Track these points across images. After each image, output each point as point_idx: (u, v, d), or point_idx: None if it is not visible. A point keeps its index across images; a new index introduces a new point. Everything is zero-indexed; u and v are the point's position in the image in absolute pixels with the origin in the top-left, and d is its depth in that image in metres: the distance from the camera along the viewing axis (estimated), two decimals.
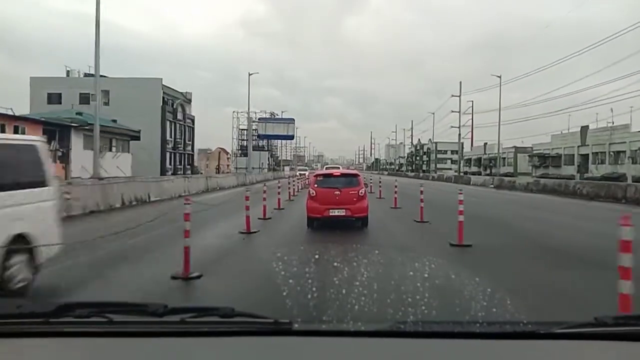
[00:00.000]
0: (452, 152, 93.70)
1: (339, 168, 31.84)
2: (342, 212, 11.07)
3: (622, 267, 4.08)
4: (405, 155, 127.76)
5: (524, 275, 6.69)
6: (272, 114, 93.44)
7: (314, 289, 2.10)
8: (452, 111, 68.87)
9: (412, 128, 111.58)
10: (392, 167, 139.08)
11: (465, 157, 77.41)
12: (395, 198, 17.97)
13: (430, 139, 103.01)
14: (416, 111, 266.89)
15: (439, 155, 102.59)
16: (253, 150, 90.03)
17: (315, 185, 11.76)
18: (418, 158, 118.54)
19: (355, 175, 12.67)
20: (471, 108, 70.91)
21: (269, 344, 1.42)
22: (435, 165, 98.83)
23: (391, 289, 2.30)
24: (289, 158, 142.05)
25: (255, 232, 10.69)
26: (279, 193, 18.10)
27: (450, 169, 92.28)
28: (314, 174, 14.43)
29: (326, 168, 38.62)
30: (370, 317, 1.78)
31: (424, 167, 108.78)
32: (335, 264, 2.75)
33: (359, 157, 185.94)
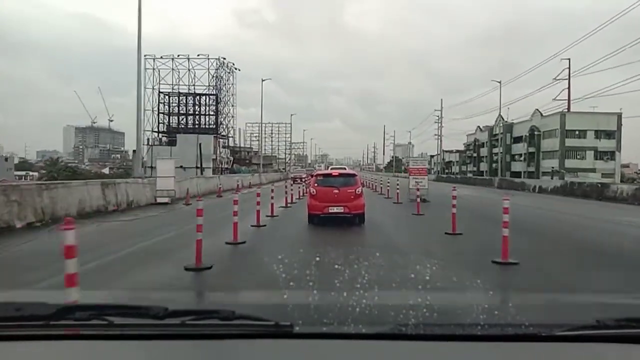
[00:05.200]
0: (600, 134, 52.13)
1: (344, 169, 30.73)
2: (340, 209, 11.88)
3: None
4: (469, 145, 77.82)
5: None
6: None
7: (314, 291, 2.09)
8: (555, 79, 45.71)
9: (441, 110, 70.37)
10: (424, 166, 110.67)
11: None
12: None
13: (537, 110, 57.93)
14: (423, 111, 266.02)
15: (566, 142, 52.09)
16: (184, 132, 52.00)
17: (316, 185, 12.61)
18: (497, 150, 64.77)
19: (353, 175, 13.60)
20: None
21: (270, 346, 1.42)
22: (563, 160, 51.81)
23: (392, 291, 2.29)
24: (280, 156, 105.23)
25: None
26: None
27: (594, 169, 50.86)
28: (314, 174, 15.23)
29: (331, 169, 35.88)
30: (371, 320, 1.77)
31: (512, 168, 60.45)
32: (336, 266, 2.75)
33: (367, 158, 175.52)
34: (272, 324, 1.44)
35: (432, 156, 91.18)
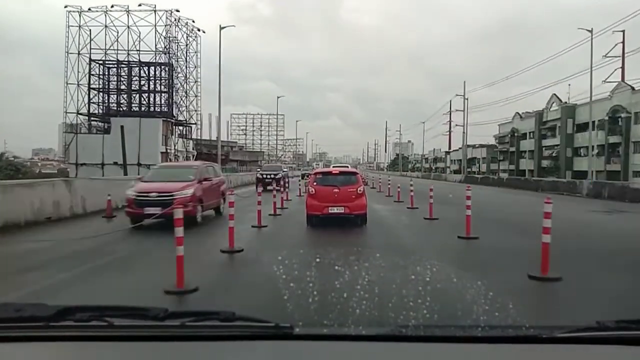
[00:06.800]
0: None
1: (347, 167, 29.29)
2: (341, 210, 11.39)
3: None
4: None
5: None
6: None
7: (315, 292, 2.09)
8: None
9: (464, 93, 53.31)
10: (437, 164, 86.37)
11: None
12: None
13: (623, 82, 38.93)
14: (421, 108, 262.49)
15: None
16: (123, 115, 35.06)
17: (315, 183, 12.00)
18: (550, 143, 45.22)
19: (354, 174, 13.04)
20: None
21: (270, 348, 1.41)
22: None
23: (392, 293, 2.29)
24: (271, 154, 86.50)
25: None
26: None
27: None
28: (313, 172, 14.55)
29: (333, 167, 30.23)
30: (371, 321, 1.77)
31: (575, 166, 41.26)
32: (337, 267, 2.75)
33: (368, 156, 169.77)
34: (272, 325, 1.44)
35: (446, 152, 78.05)
